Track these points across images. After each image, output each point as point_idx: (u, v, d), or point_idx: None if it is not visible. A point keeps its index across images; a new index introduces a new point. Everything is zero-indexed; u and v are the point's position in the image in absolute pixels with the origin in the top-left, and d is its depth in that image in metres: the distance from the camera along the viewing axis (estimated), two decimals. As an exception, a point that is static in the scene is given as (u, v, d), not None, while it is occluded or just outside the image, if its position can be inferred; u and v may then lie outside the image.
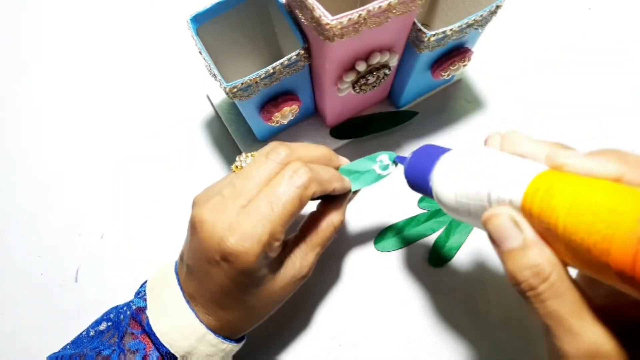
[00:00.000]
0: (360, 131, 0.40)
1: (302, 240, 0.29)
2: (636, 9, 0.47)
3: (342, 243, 0.39)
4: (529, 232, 0.19)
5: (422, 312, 0.37)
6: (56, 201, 0.41)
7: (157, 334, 0.26)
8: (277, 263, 0.27)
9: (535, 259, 0.18)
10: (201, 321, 0.27)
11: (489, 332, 0.35)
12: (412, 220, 0.39)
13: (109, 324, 0.29)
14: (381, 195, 0.40)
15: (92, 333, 0.29)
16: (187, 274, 0.28)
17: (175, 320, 0.27)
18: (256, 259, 0.25)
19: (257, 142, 0.40)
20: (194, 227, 0.26)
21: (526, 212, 0.19)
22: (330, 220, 0.29)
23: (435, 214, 0.39)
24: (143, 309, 0.28)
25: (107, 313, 0.30)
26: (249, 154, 0.31)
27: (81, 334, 0.30)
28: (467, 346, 0.36)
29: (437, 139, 0.41)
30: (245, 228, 0.24)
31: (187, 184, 0.41)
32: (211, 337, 0.27)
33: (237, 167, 0.30)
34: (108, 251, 0.39)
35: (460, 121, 0.42)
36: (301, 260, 0.28)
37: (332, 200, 0.30)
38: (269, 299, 0.28)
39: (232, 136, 0.41)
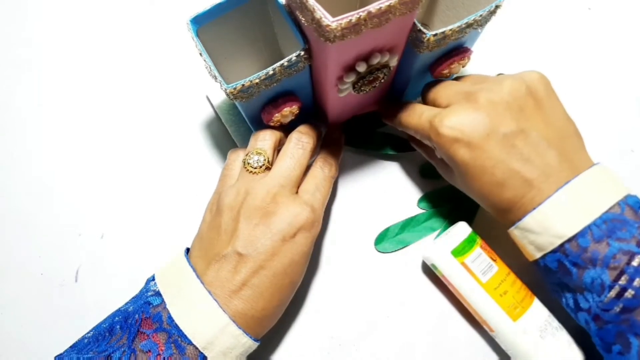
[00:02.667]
0: (359, 132, 0.40)
1: None
2: (636, 9, 0.47)
3: (342, 243, 0.39)
4: None
5: (422, 312, 0.37)
6: (56, 201, 0.41)
7: (181, 326, 0.27)
8: None
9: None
10: (224, 311, 0.28)
11: (488, 333, 0.35)
12: (412, 221, 0.39)
13: (116, 326, 0.29)
14: (381, 195, 0.40)
15: (90, 335, 0.29)
16: (237, 265, 0.30)
17: (198, 310, 0.28)
18: (320, 227, 0.33)
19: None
20: (265, 216, 0.30)
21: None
22: None
23: (435, 214, 0.39)
24: (159, 305, 0.28)
25: (112, 316, 0.30)
26: (253, 152, 0.33)
27: (82, 338, 0.29)
28: (466, 347, 0.36)
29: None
30: (313, 205, 0.32)
31: (187, 184, 0.41)
32: (233, 327, 0.28)
33: (251, 166, 0.33)
34: (108, 251, 0.39)
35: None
36: None
37: None
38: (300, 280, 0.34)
39: (232, 137, 0.41)
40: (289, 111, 0.33)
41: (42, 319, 0.38)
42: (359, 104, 0.38)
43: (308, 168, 0.35)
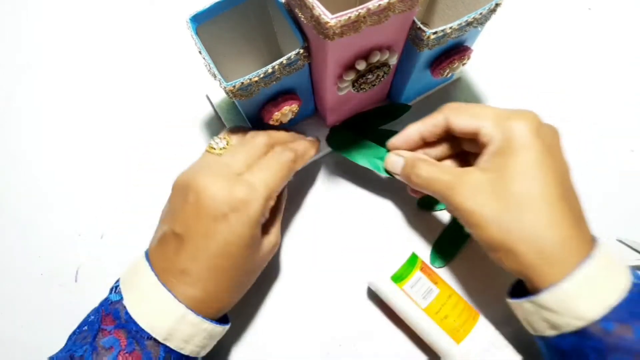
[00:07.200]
0: (360, 129, 0.40)
1: (272, 215, 0.32)
2: (636, 9, 0.47)
3: (342, 242, 0.39)
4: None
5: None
6: (56, 201, 0.41)
7: (137, 321, 0.27)
8: (264, 229, 0.31)
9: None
10: (180, 301, 0.27)
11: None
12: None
13: (84, 327, 0.29)
14: (382, 192, 0.40)
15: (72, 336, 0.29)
16: (178, 247, 0.28)
17: (154, 304, 0.27)
18: (261, 208, 0.28)
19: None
20: (192, 192, 0.28)
21: None
22: (284, 196, 0.35)
23: None
24: (118, 302, 0.28)
25: (88, 315, 0.30)
26: (221, 137, 0.33)
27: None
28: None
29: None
30: (250, 182, 0.28)
31: (187, 183, 0.41)
32: (192, 316, 0.28)
33: (212, 147, 0.32)
34: (108, 251, 0.39)
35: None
36: (275, 230, 0.32)
37: None
38: (256, 265, 0.31)
39: (232, 136, 0.41)
40: (288, 110, 0.33)
41: (42, 319, 0.38)
42: (359, 103, 0.38)
43: None
